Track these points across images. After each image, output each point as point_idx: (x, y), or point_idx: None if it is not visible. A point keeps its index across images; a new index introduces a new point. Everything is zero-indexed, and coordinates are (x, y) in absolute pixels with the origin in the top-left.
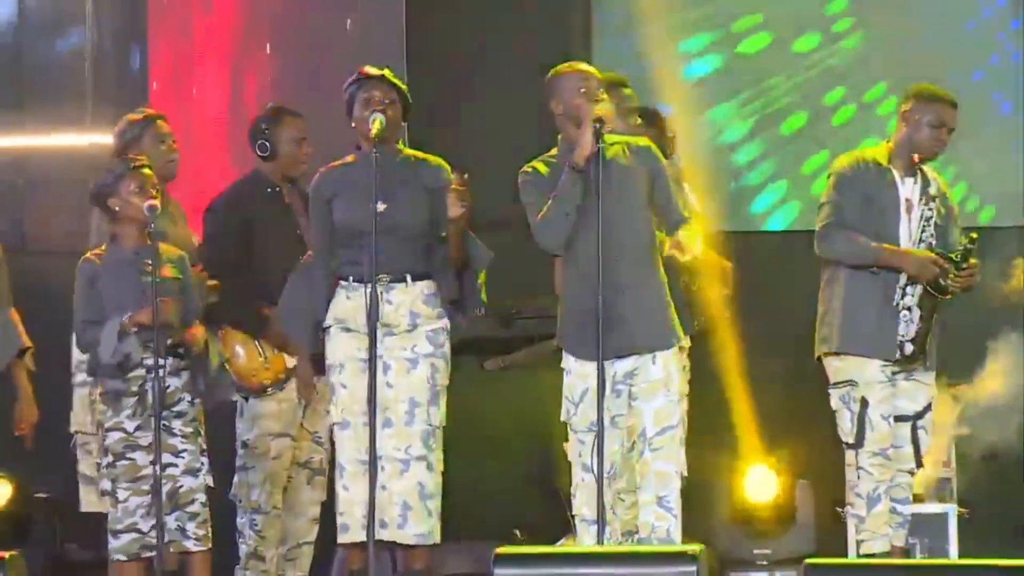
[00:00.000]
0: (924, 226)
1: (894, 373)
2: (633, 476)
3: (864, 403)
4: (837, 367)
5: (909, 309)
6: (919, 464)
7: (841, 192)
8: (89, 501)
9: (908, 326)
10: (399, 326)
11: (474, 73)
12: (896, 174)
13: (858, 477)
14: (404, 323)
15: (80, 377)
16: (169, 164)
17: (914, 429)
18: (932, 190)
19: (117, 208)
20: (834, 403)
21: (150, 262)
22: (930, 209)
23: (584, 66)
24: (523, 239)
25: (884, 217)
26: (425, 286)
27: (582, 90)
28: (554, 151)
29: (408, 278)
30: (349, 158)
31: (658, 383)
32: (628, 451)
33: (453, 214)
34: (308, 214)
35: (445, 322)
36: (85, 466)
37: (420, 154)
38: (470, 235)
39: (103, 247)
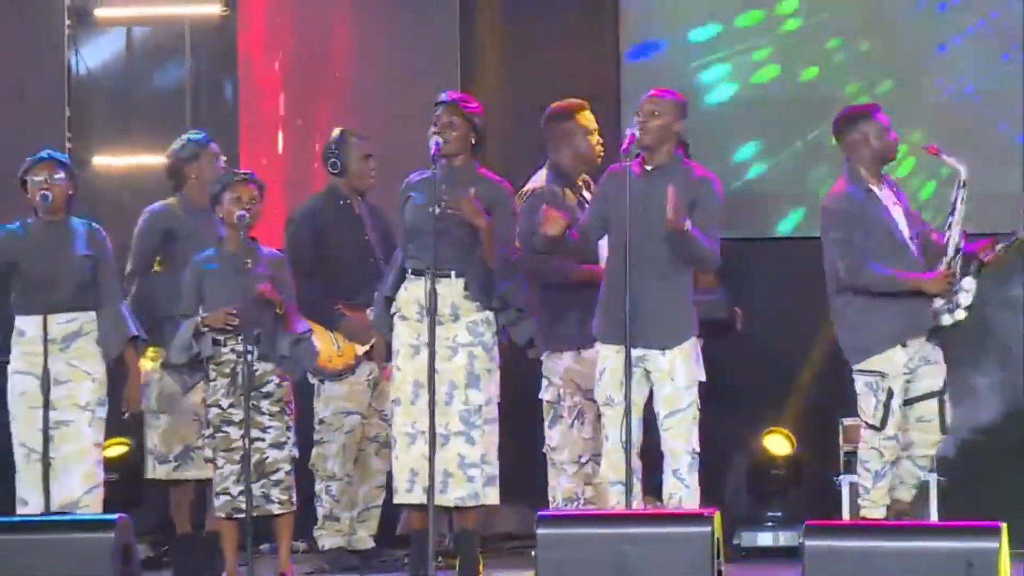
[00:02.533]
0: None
1: (915, 367)
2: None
3: (890, 393)
4: (867, 360)
5: (966, 291)
6: (944, 432)
7: (845, 229)
8: (153, 468)
9: (966, 296)
10: (442, 316)
11: (518, 96)
12: (874, 191)
13: (871, 455)
14: (447, 314)
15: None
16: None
17: (940, 403)
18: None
19: (221, 215)
20: (859, 387)
21: (248, 262)
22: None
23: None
24: None
25: (889, 233)
26: (463, 283)
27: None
28: None
29: (452, 274)
30: (425, 171)
31: (665, 373)
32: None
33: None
34: (374, 223)
35: (487, 314)
36: (148, 439)
37: (483, 171)
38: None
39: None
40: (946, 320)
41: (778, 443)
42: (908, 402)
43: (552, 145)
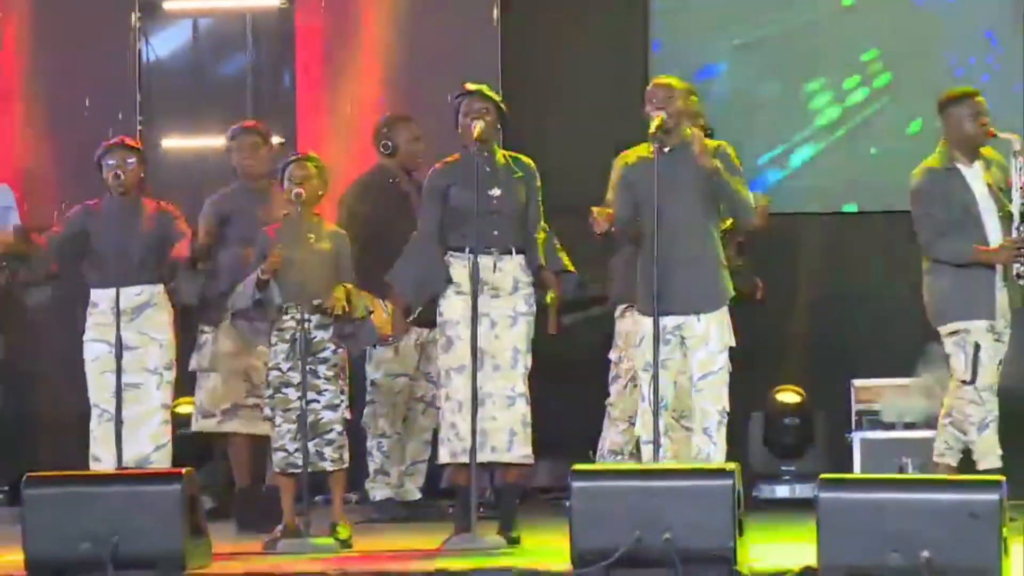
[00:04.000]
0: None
1: (999, 330)
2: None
3: (977, 347)
4: (949, 323)
5: None
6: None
7: (924, 204)
8: (196, 421)
9: None
10: (504, 289)
11: (556, 85)
12: (959, 169)
13: (972, 408)
14: (508, 287)
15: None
16: (262, 164)
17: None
18: (992, 170)
19: (284, 192)
20: (948, 348)
21: (312, 236)
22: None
23: (663, 82)
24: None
25: (966, 210)
26: (522, 258)
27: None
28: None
29: (512, 251)
30: (453, 157)
31: (700, 338)
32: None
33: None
34: (422, 200)
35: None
36: (197, 395)
37: (512, 154)
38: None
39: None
40: None
41: (789, 396)
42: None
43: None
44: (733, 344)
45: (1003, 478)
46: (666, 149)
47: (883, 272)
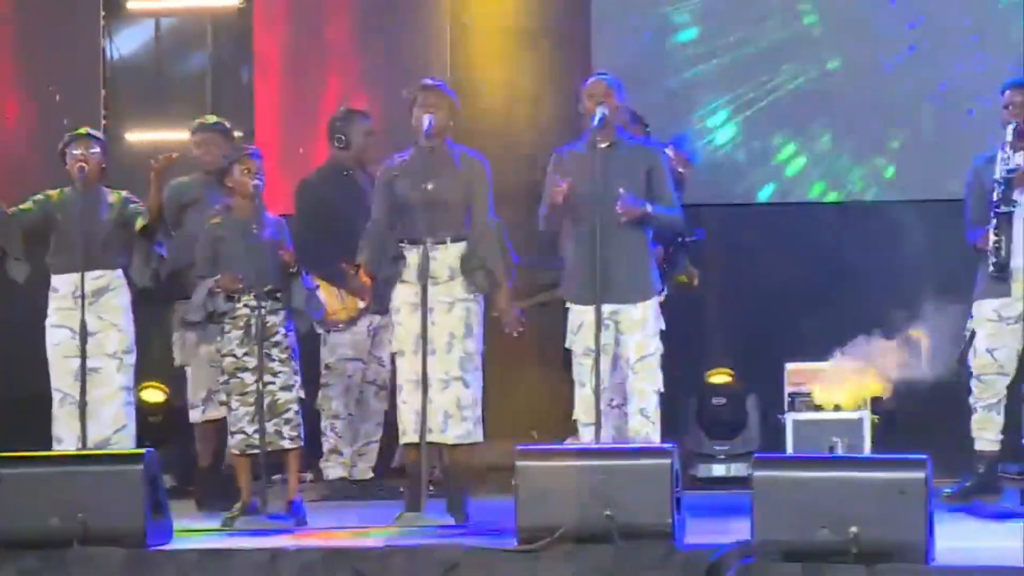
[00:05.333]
0: None
1: (1008, 316)
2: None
3: (972, 334)
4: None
5: None
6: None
7: (966, 193)
8: (192, 415)
9: None
10: (440, 277)
11: (503, 80)
12: (999, 156)
13: (973, 387)
14: (444, 275)
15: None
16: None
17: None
18: None
19: (231, 185)
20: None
21: (256, 227)
22: None
23: (603, 76)
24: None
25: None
26: (461, 247)
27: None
28: None
29: (448, 240)
30: (407, 152)
31: (635, 323)
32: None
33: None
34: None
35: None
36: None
37: (462, 148)
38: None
39: (220, 216)
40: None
41: (720, 378)
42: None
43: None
44: (663, 328)
45: (927, 456)
46: (603, 144)
47: (812, 260)
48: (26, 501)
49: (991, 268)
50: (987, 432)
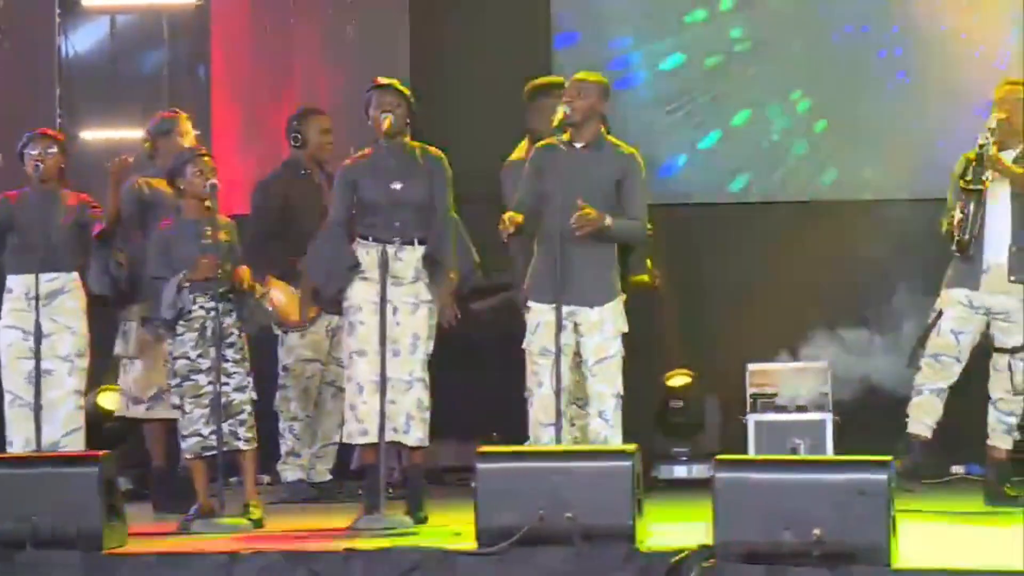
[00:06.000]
0: None
1: (989, 309)
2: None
3: (939, 314)
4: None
5: None
6: (1016, 388)
7: (952, 191)
8: (127, 408)
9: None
10: (405, 278)
11: (463, 76)
12: (990, 152)
13: (917, 372)
14: (409, 275)
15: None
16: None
17: (1011, 360)
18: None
19: (183, 187)
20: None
21: (209, 229)
22: None
23: (577, 77)
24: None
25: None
26: (425, 248)
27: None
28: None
29: (415, 241)
30: (367, 150)
31: (594, 325)
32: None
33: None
34: (333, 191)
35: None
36: (123, 382)
37: (422, 145)
38: (466, 244)
39: (171, 219)
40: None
41: (678, 380)
42: (995, 350)
43: (533, 117)
44: (626, 330)
45: (891, 458)
46: (577, 144)
47: (776, 260)
48: None
49: (953, 247)
50: (928, 417)
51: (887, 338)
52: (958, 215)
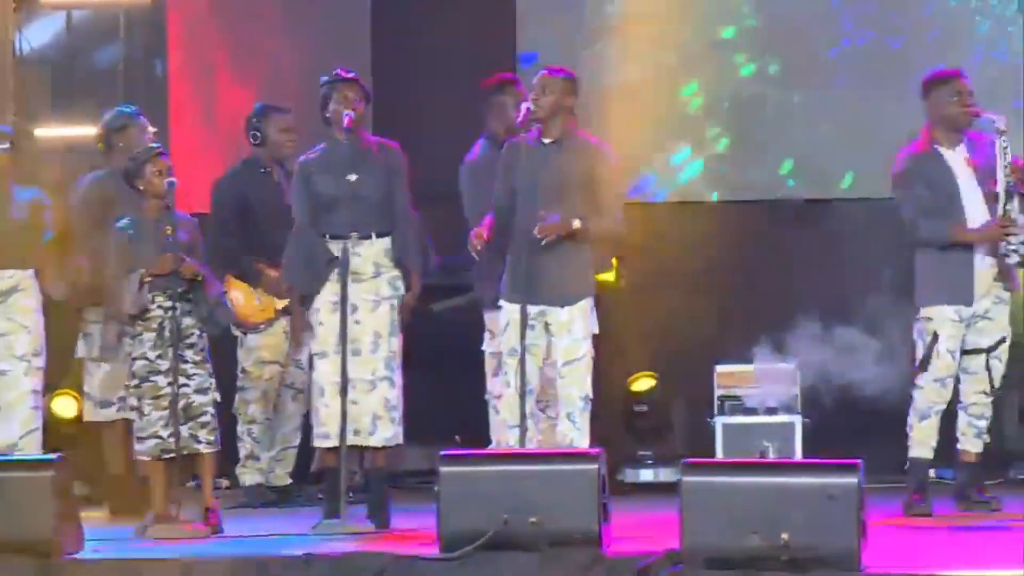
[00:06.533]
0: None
1: (973, 315)
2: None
3: (936, 337)
4: (922, 308)
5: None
6: (992, 387)
7: (906, 186)
8: (93, 412)
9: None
10: (365, 274)
11: (428, 75)
12: (942, 152)
13: (917, 394)
14: (369, 271)
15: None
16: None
17: (987, 359)
18: (973, 152)
19: (142, 187)
20: (915, 331)
21: (169, 227)
22: (983, 170)
23: (543, 73)
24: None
25: (949, 195)
26: (385, 242)
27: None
28: None
29: (373, 235)
30: (321, 145)
31: (563, 326)
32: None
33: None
34: (292, 191)
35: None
36: (88, 385)
37: (378, 139)
38: (423, 243)
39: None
40: (1013, 259)
41: (642, 383)
42: (963, 353)
43: (490, 115)
44: (596, 332)
45: (859, 461)
46: (546, 140)
47: (746, 260)
48: None
49: (1017, 260)
50: (932, 439)
51: (863, 339)
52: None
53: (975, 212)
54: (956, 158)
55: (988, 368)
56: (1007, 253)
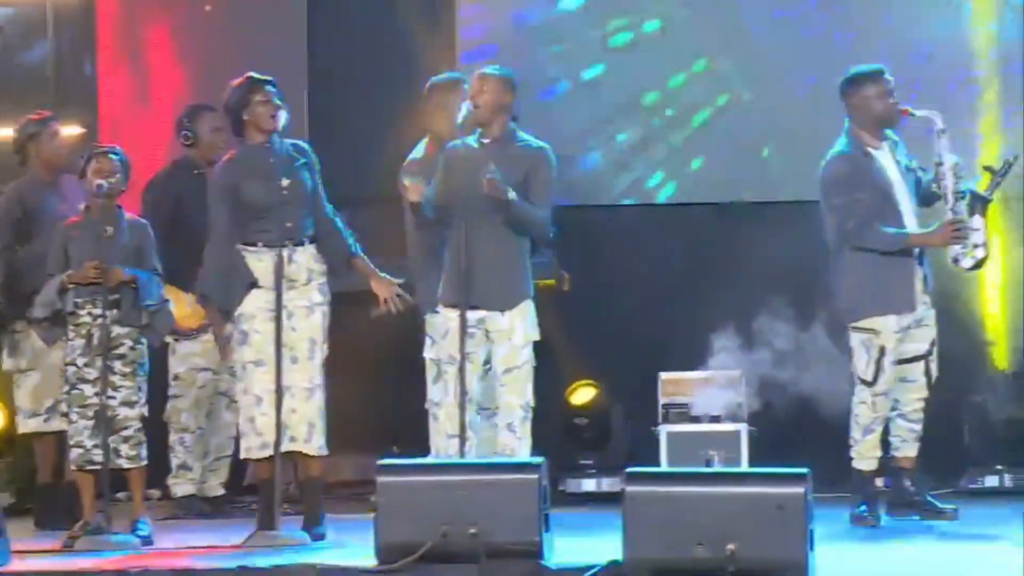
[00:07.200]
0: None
1: (911, 323)
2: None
3: (882, 351)
4: (862, 320)
5: (976, 229)
6: (929, 390)
7: (846, 192)
8: (24, 423)
9: (978, 234)
10: (299, 281)
11: (365, 77)
12: (872, 153)
13: (862, 409)
14: (303, 278)
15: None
16: (59, 155)
17: (926, 364)
18: (900, 151)
19: (85, 188)
20: (854, 343)
21: (109, 229)
22: (917, 170)
23: (478, 72)
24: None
25: (885, 195)
26: (314, 248)
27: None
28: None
29: (305, 241)
30: (234, 151)
31: (503, 333)
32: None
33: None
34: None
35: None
36: (18, 397)
37: (290, 140)
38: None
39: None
40: (967, 262)
41: (583, 391)
42: (899, 362)
43: (432, 115)
44: (537, 339)
45: (807, 470)
46: (485, 141)
47: (691, 265)
48: None
49: (971, 264)
50: (877, 451)
51: (812, 346)
52: (977, 234)
53: (907, 213)
54: (885, 158)
55: (927, 374)
56: (958, 257)
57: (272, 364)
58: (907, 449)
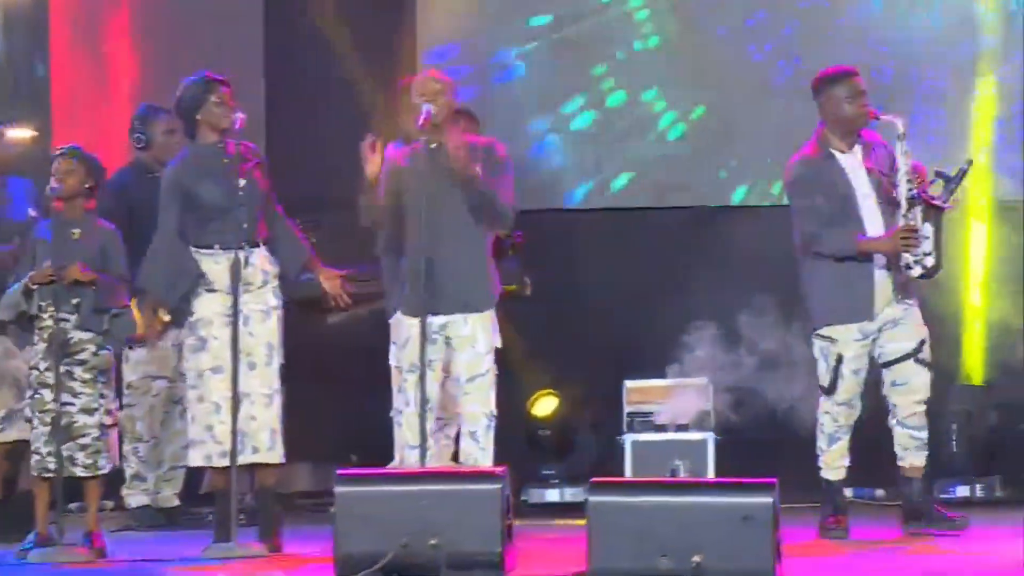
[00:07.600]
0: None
1: (880, 327)
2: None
3: (839, 359)
4: (821, 327)
5: (927, 237)
6: (927, 391)
7: (806, 196)
8: None
9: (928, 242)
10: (255, 284)
11: (322, 78)
12: (836, 155)
13: (825, 419)
14: (258, 281)
15: None
16: (4, 157)
17: (917, 363)
18: (869, 156)
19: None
20: (815, 351)
21: (76, 232)
22: (879, 175)
23: (433, 74)
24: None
25: (845, 199)
26: (267, 250)
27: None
28: None
29: (260, 243)
30: (186, 152)
31: (465, 340)
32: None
33: None
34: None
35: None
36: None
37: (238, 141)
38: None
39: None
40: (916, 271)
41: (545, 401)
42: (885, 365)
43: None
44: (499, 346)
45: (775, 480)
46: (432, 145)
47: (656, 271)
48: None
49: (917, 274)
50: (844, 460)
51: (782, 354)
52: (927, 242)
53: (872, 219)
54: (852, 161)
55: (920, 372)
56: (909, 265)
57: (229, 370)
58: (911, 458)
